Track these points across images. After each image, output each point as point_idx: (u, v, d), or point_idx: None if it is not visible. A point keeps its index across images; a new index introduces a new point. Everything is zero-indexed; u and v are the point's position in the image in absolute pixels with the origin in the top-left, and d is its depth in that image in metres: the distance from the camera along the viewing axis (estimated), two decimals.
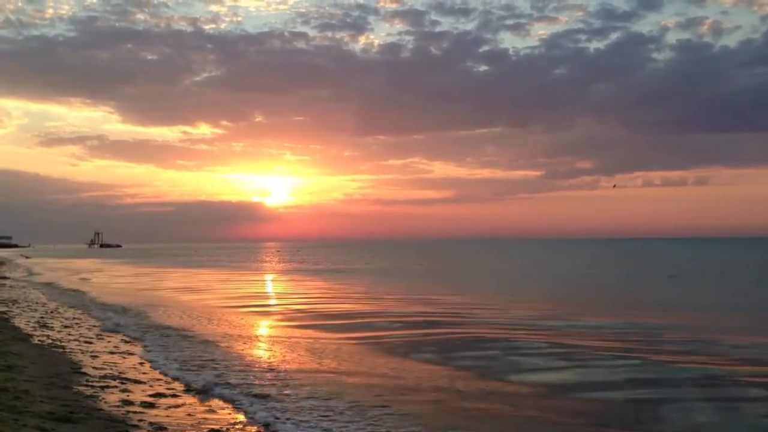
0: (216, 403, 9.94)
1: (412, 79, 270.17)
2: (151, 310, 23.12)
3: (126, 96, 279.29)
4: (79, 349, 14.21)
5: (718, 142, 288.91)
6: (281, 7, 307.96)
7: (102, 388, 10.38)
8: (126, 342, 15.86)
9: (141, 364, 12.95)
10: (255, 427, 8.66)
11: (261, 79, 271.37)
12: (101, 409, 8.95)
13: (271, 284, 40.46)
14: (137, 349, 14.84)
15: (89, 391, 10.03)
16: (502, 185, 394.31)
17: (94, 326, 18.68)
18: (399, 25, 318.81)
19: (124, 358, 13.60)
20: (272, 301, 28.24)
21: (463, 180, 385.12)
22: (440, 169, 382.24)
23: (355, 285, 37.75)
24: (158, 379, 11.46)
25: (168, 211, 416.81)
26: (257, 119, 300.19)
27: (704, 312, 22.75)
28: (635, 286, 36.04)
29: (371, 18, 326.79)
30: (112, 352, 14.18)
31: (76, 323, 19.25)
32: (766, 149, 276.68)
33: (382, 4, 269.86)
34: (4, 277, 43.40)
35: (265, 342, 16.25)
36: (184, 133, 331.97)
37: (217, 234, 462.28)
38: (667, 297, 28.91)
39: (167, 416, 8.93)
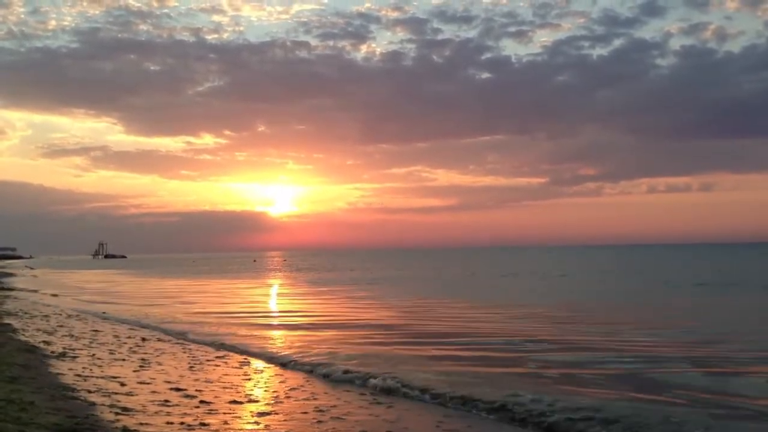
0: None
1: (414, 87, 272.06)
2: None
3: (129, 107, 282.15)
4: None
5: (723, 147, 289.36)
6: (283, 16, 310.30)
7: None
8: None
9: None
10: None
11: (263, 88, 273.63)
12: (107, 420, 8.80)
13: None
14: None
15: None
16: (505, 192, 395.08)
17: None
18: (401, 33, 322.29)
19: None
20: None
21: (467, 188, 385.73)
22: (443, 176, 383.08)
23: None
24: None
25: (172, 221, 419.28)
26: (260, 129, 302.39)
27: None
28: None
29: (373, 26, 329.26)
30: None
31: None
32: None
33: (383, 12, 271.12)
34: (11, 289, 43.36)
35: None
36: (188, 143, 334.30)
37: (222, 243, 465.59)
38: None
39: None
